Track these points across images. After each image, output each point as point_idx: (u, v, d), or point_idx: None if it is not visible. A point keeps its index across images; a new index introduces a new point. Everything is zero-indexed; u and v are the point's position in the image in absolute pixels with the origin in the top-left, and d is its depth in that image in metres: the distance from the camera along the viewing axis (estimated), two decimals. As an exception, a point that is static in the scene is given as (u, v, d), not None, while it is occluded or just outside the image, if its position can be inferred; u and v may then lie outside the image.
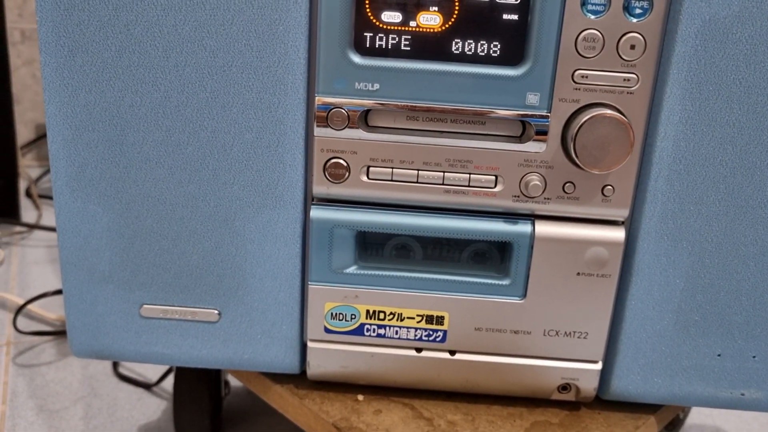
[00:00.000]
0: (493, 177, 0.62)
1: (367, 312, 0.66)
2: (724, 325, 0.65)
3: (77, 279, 0.66)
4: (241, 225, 0.64)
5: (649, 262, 0.63)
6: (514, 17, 0.57)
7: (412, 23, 0.58)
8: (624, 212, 0.62)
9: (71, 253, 0.65)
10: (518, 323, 0.66)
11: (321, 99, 0.60)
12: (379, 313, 0.66)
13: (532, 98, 0.59)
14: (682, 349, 0.66)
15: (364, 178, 0.62)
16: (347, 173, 0.62)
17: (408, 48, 0.59)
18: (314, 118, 0.60)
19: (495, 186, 0.62)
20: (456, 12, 0.57)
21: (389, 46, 0.59)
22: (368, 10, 0.58)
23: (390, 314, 0.66)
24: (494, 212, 0.63)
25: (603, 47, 0.57)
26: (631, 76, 0.58)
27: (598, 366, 0.67)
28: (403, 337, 0.67)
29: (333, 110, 0.60)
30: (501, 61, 0.58)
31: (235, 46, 0.59)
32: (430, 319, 0.66)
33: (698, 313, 0.64)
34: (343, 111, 0.60)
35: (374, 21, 0.58)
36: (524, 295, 0.65)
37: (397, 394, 0.70)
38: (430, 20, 0.58)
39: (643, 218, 0.62)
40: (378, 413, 0.68)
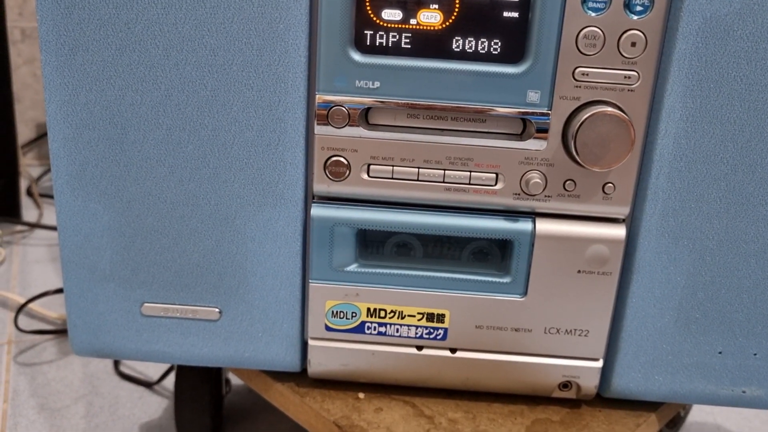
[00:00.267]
0: (494, 175, 0.61)
1: (368, 310, 0.66)
2: (725, 323, 0.65)
3: (78, 277, 0.66)
4: (242, 223, 0.64)
5: (650, 259, 0.63)
6: (515, 15, 0.57)
7: (413, 21, 0.58)
8: (625, 210, 0.62)
9: (72, 251, 0.65)
10: (519, 321, 0.66)
11: (321, 97, 0.60)
12: (380, 311, 0.66)
13: (533, 96, 0.59)
14: (683, 347, 0.66)
15: (365, 176, 0.62)
16: (348, 171, 0.62)
17: (408, 46, 0.58)
18: (315, 116, 0.60)
19: (495, 184, 0.62)
20: (456, 10, 0.57)
21: (390, 43, 0.58)
22: (369, 8, 0.58)
23: (391, 312, 0.66)
24: (495, 210, 0.63)
25: (604, 44, 0.57)
26: (632, 73, 0.58)
27: (599, 363, 0.67)
28: (404, 335, 0.67)
29: (333, 108, 0.60)
30: (501, 58, 0.58)
31: (235, 44, 0.59)
32: (430, 317, 0.66)
33: (699, 310, 0.64)
34: (344, 109, 0.60)
35: (375, 19, 0.58)
36: (525, 292, 0.65)
37: (398, 392, 0.70)
38: (431, 18, 0.58)
39: (644, 216, 0.62)
40: (379, 411, 0.68)
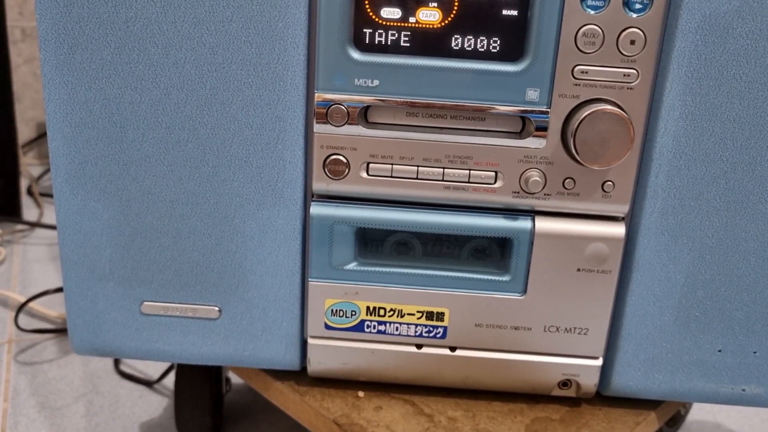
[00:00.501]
0: (493, 173, 0.61)
1: (368, 308, 0.66)
2: (724, 321, 0.65)
3: (78, 276, 0.66)
4: (241, 222, 0.64)
5: (649, 257, 0.63)
6: (514, 13, 0.57)
7: (412, 19, 0.58)
8: (624, 208, 0.62)
9: (72, 250, 0.65)
10: (518, 319, 0.66)
11: (320, 95, 0.60)
12: (380, 309, 0.66)
13: (532, 94, 0.59)
14: (682, 345, 0.66)
15: (364, 174, 0.62)
16: (347, 170, 0.62)
17: (407, 44, 0.58)
18: (314, 114, 0.60)
19: (495, 182, 0.62)
20: (455, 8, 0.57)
21: (389, 42, 0.58)
22: (367, 7, 0.58)
23: (390, 311, 0.66)
24: (494, 208, 0.63)
25: (603, 43, 0.57)
26: (631, 71, 0.58)
27: (599, 362, 0.67)
28: (404, 333, 0.67)
29: (332, 106, 0.60)
30: (501, 56, 0.58)
31: (234, 42, 0.59)
32: (430, 316, 0.66)
33: (699, 308, 0.64)
34: (343, 107, 0.60)
35: (373, 17, 0.58)
36: (524, 291, 0.65)
37: (398, 390, 0.70)
38: (430, 16, 0.58)
39: (644, 214, 0.62)
40: (378, 410, 0.68)
